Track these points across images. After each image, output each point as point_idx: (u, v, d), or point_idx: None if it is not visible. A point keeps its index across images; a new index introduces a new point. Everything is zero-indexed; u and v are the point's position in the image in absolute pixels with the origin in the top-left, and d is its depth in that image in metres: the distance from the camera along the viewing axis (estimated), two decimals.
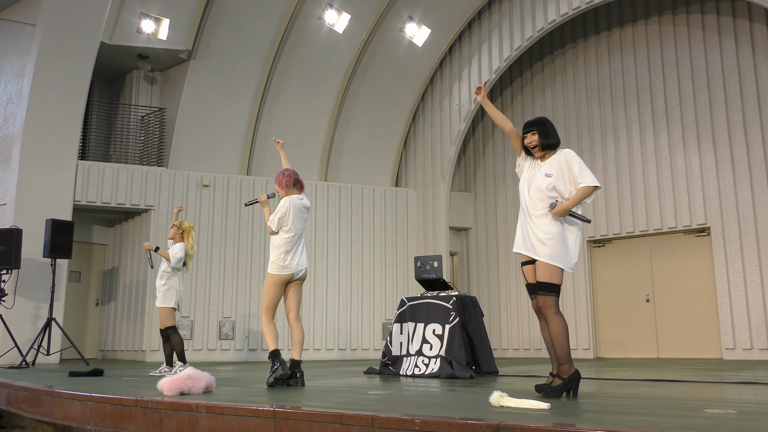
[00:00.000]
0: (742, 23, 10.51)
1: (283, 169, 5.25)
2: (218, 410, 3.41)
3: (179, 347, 6.72)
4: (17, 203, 9.94)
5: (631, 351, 11.03)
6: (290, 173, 5.24)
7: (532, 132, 4.09)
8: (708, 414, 3.00)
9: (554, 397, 3.75)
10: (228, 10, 11.28)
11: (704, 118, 10.65)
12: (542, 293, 3.86)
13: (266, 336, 4.96)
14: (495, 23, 12.43)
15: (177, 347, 6.72)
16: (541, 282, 3.87)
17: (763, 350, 9.58)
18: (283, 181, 5.20)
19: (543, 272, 3.87)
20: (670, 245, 10.88)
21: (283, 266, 5.03)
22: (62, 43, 10.16)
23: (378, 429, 2.82)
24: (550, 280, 3.86)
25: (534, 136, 4.08)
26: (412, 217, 12.82)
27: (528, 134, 4.10)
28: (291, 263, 5.04)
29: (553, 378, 3.89)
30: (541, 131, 4.08)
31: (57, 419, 4.39)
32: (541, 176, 4.02)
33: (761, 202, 9.93)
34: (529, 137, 4.10)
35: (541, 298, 3.87)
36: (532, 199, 3.99)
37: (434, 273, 7.02)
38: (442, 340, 6.43)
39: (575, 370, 3.87)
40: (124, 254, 11.69)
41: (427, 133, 13.11)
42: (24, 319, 9.71)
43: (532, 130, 4.09)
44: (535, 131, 4.08)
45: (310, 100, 12.31)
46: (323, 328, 11.77)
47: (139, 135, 11.91)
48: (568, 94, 12.41)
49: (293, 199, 5.12)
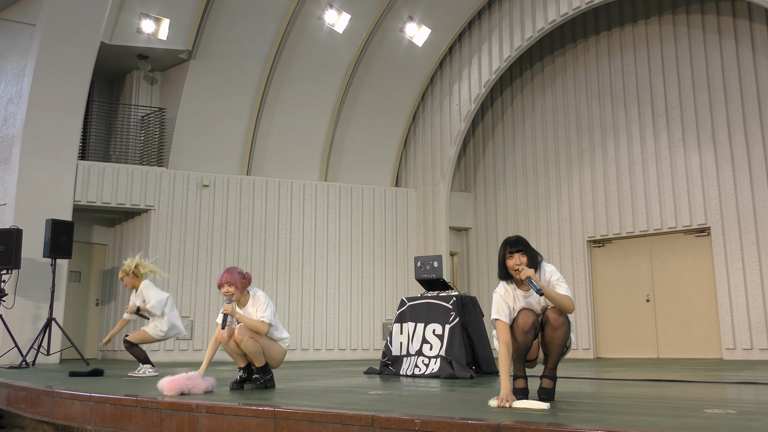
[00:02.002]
0: (742, 23, 10.51)
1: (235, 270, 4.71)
2: (218, 410, 3.41)
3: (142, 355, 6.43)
4: (17, 203, 9.94)
5: (631, 351, 11.03)
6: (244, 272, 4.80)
7: (520, 252, 3.59)
8: (708, 414, 3.00)
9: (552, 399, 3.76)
10: (228, 10, 11.28)
11: (704, 118, 10.65)
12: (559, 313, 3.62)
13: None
14: (495, 23, 12.43)
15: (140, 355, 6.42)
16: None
17: (763, 350, 9.58)
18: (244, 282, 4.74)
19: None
20: (670, 245, 10.88)
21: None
22: (62, 43, 10.16)
23: (378, 429, 2.82)
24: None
25: (523, 257, 3.58)
26: (412, 217, 12.82)
27: (515, 254, 3.58)
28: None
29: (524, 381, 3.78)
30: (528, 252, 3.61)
31: (57, 419, 4.39)
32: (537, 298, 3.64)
33: (761, 202, 9.93)
34: (516, 258, 3.57)
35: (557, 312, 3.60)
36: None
37: (434, 273, 7.02)
38: (442, 340, 6.43)
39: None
40: (124, 254, 11.68)
41: (427, 133, 13.11)
42: (24, 319, 9.71)
43: (521, 251, 3.59)
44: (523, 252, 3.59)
45: (310, 100, 12.31)
46: (323, 328, 11.77)
47: (139, 135, 11.91)
48: (568, 94, 12.41)
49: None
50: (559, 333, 3.62)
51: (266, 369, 4.73)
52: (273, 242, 11.74)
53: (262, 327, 4.58)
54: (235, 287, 4.66)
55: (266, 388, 4.69)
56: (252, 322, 4.59)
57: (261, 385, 4.70)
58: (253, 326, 4.57)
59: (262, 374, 4.72)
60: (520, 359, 3.74)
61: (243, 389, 4.71)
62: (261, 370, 4.72)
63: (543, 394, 3.69)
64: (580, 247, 11.73)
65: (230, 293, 4.64)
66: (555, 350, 3.66)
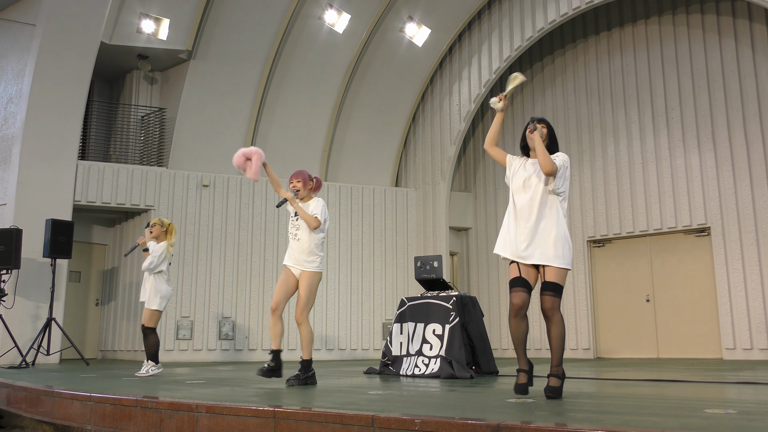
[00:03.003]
0: (742, 23, 10.51)
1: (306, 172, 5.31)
2: (218, 410, 3.41)
3: (152, 349, 6.45)
4: (17, 203, 9.94)
5: (631, 351, 11.02)
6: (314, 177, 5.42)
7: (543, 125, 3.98)
8: (708, 414, 3.00)
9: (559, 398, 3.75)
10: (228, 10, 11.28)
11: (704, 118, 10.65)
12: (552, 294, 3.74)
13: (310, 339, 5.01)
14: (495, 23, 12.43)
15: (150, 348, 6.44)
16: (553, 283, 3.76)
17: (763, 350, 9.58)
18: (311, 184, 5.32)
19: (554, 274, 3.77)
20: (670, 245, 10.88)
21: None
22: (62, 43, 10.16)
23: (378, 429, 2.82)
24: (561, 281, 3.78)
25: (545, 130, 3.98)
26: (412, 217, 12.82)
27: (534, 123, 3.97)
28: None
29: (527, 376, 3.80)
30: (550, 132, 4.01)
31: (57, 419, 4.39)
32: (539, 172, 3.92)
33: (761, 202, 9.92)
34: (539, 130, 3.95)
35: (550, 299, 3.73)
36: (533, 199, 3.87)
37: (434, 273, 7.02)
38: (442, 340, 6.43)
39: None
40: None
41: (427, 133, 13.12)
42: (24, 319, 9.70)
43: (544, 125, 3.98)
44: (545, 126, 3.99)
45: (310, 100, 12.31)
46: (323, 328, 11.77)
47: (139, 135, 11.91)
48: (568, 94, 12.41)
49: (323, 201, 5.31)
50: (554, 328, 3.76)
51: (308, 365, 4.99)
52: (273, 242, 11.74)
53: (312, 221, 5.07)
54: (302, 183, 5.22)
55: (307, 385, 4.94)
56: (305, 215, 5.10)
57: (302, 381, 4.95)
58: (306, 218, 5.09)
59: (304, 371, 4.97)
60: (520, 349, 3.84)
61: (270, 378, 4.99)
62: (304, 367, 4.97)
63: (550, 392, 3.75)
64: (580, 247, 11.73)
65: (296, 188, 5.21)
66: (554, 343, 3.79)
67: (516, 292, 3.79)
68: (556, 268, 3.77)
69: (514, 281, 3.83)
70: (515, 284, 3.81)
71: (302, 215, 5.10)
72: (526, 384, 3.79)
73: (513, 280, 3.84)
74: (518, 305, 3.77)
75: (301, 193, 5.22)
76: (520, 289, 3.78)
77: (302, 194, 5.23)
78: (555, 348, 3.81)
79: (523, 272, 3.83)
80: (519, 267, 3.85)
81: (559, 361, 3.80)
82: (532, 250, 3.81)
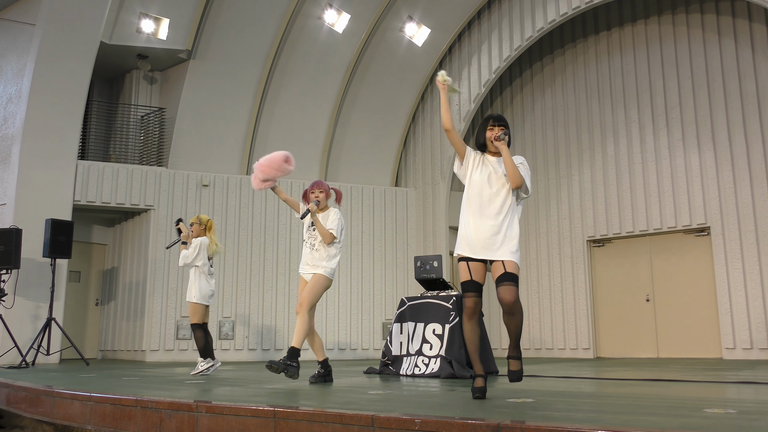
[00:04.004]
0: (741, 23, 10.51)
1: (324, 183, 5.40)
2: (218, 410, 3.41)
3: (199, 345, 6.68)
4: (17, 203, 9.93)
5: (631, 351, 11.03)
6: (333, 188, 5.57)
7: (501, 127, 4.01)
8: (708, 414, 3.00)
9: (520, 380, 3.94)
10: (228, 10, 11.28)
11: (704, 118, 10.65)
12: (514, 284, 3.81)
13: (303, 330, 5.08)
14: (495, 23, 12.43)
15: (198, 344, 6.70)
16: (513, 274, 3.83)
17: (763, 350, 9.58)
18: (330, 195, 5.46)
19: (513, 266, 3.84)
20: (670, 245, 10.88)
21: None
22: (62, 43, 10.16)
23: (378, 429, 2.82)
24: (517, 272, 3.86)
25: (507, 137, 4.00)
26: (412, 217, 12.82)
27: (495, 128, 4.01)
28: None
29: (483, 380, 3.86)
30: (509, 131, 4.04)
31: (57, 419, 4.39)
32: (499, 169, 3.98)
33: (761, 201, 9.93)
34: (497, 130, 4.00)
35: (513, 288, 3.79)
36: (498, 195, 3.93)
37: (434, 273, 7.02)
38: (442, 339, 6.43)
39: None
40: (124, 254, 11.69)
41: (427, 133, 13.12)
42: (24, 319, 9.70)
43: (502, 126, 4.02)
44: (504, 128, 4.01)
45: (310, 100, 12.31)
46: (323, 328, 11.77)
47: (138, 135, 11.91)
48: (568, 94, 12.41)
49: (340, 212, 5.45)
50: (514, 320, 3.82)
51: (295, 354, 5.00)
52: (273, 242, 11.74)
53: (327, 237, 5.22)
54: (324, 194, 5.36)
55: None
56: (322, 229, 5.23)
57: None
58: (322, 232, 5.23)
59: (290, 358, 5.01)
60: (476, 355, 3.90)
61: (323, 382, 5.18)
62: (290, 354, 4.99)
63: (512, 377, 3.90)
64: (579, 246, 11.73)
65: (318, 198, 5.32)
66: (513, 331, 3.86)
67: (469, 297, 3.85)
68: (515, 262, 3.85)
69: (467, 285, 3.88)
70: (469, 288, 3.86)
71: (319, 229, 5.22)
72: (484, 387, 3.83)
73: (466, 284, 3.89)
74: (472, 308, 3.83)
75: (321, 203, 5.33)
76: (473, 294, 3.85)
77: (322, 204, 5.35)
78: (515, 334, 3.88)
79: (473, 273, 3.88)
80: (469, 267, 3.90)
81: (516, 344, 3.92)
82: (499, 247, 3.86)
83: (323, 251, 5.24)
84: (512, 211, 3.95)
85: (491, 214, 3.91)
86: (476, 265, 3.90)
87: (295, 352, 4.96)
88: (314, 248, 5.27)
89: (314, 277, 5.21)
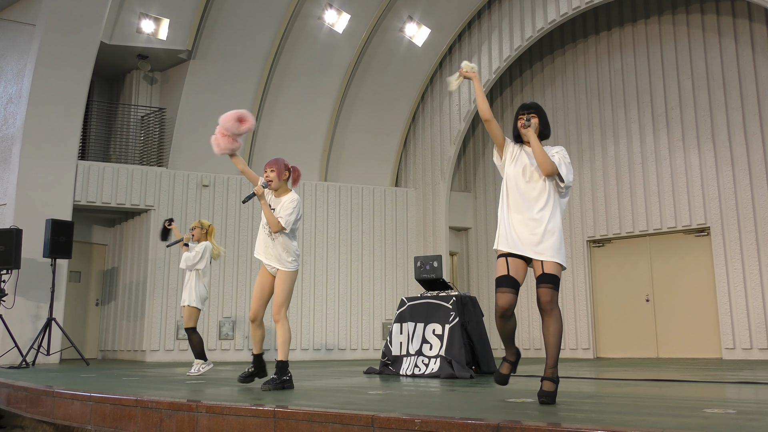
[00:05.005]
0: (741, 23, 10.51)
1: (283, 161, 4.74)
2: (218, 410, 3.42)
3: (197, 348, 6.65)
4: (17, 203, 9.94)
5: (631, 351, 11.03)
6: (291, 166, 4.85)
7: (533, 115, 3.73)
8: (708, 414, 3.00)
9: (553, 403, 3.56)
10: (228, 10, 11.28)
11: (704, 118, 10.65)
12: (552, 287, 3.53)
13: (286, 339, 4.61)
14: (495, 23, 12.43)
15: (195, 348, 6.65)
16: (553, 275, 3.56)
17: (763, 350, 9.58)
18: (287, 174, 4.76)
19: (553, 268, 3.58)
20: (670, 245, 10.88)
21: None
22: (62, 43, 10.16)
23: (378, 429, 2.82)
24: (558, 273, 3.59)
25: (535, 120, 3.73)
26: (412, 217, 12.82)
27: (525, 115, 3.74)
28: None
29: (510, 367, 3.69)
30: (542, 118, 3.76)
31: (57, 419, 4.39)
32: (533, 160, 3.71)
33: (761, 202, 9.93)
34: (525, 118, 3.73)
35: (550, 291, 3.52)
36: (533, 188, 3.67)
37: (434, 273, 7.02)
38: (442, 340, 6.43)
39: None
40: (124, 254, 11.69)
41: (427, 133, 13.11)
42: (24, 319, 9.71)
43: (533, 113, 3.74)
44: (535, 114, 3.74)
45: (310, 100, 12.31)
46: (323, 328, 11.77)
47: (138, 135, 11.91)
48: (568, 94, 12.41)
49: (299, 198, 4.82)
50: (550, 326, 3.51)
51: (284, 368, 4.58)
52: None
53: (274, 224, 4.60)
54: (277, 174, 4.68)
55: (284, 389, 4.52)
56: (269, 216, 4.62)
57: (279, 385, 4.52)
58: (269, 219, 4.61)
59: (280, 374, 4.55)
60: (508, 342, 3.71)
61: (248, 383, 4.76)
62: (280, 370, 4.56)
63: (543, 397, 3.50)
64: (579, 247, 11.73)
65: (269, 178, 4.68)
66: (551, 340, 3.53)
67: (503, 293, 3.55)
68: (556, 262, 3.59)
69: (501, 280, 3.58)
70: (503, 284, 3.57)
71: (266, 214, 4.61)
72: (507, 375, 3.68)
73: (501, 279, 3.59)
74: (504, 307, 3.55)
75: (274, 184, 4.68)
76: (508, 290, 3.56)
77: (276, 185, 4.69)
78: (552, 345, 3.54)
79: (512, 269, 3.60)
80: (508, 262, 3.61)
81: (555, 362, 3.54)
82: (539, 242, 3.60)
83: (282, 240, 4.64)
84: (553, 203, 3.65)
85: (527, 207, 3.63)
86: (515, 261, 3.61)
87: (284, 366, 4.57)
88: (271, 236, 4.67)
89: (281, 276, 4.64)
